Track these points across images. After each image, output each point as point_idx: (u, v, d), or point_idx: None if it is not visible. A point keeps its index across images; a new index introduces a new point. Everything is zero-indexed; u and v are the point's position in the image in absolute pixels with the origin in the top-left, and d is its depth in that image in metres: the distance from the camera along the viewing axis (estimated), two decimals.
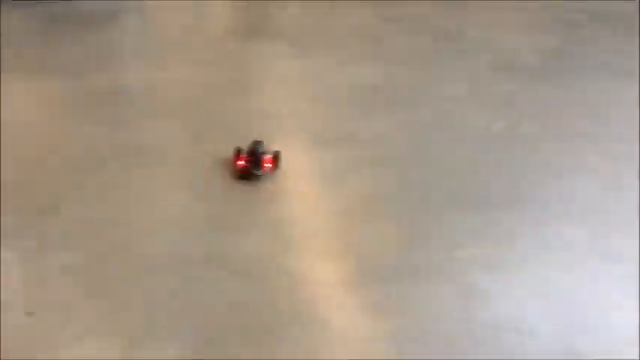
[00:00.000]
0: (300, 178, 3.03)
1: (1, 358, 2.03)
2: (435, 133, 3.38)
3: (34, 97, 3.57)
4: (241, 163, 2.91)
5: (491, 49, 4.24)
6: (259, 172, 2.90)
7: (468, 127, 3.44)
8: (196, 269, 2.42)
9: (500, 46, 4.28)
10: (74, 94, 3.64)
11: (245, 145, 3.05)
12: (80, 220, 2.67)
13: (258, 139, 3.03)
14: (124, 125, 3.37)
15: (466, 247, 2.56)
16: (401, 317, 2.23)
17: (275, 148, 3.07)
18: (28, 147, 3.13)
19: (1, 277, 2.35)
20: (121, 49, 4.21)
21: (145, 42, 4.29)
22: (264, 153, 2.96)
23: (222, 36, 4.46)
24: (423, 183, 2.98)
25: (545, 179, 3.01)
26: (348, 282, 2.41)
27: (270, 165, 2.95)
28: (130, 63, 4.07)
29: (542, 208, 2.83)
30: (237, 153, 2.97)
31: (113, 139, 3.25)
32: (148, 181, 2.96)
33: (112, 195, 2.87)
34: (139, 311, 2.26)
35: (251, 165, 2.90)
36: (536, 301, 2.32)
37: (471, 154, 3.20)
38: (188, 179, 2.98)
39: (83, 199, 2.82)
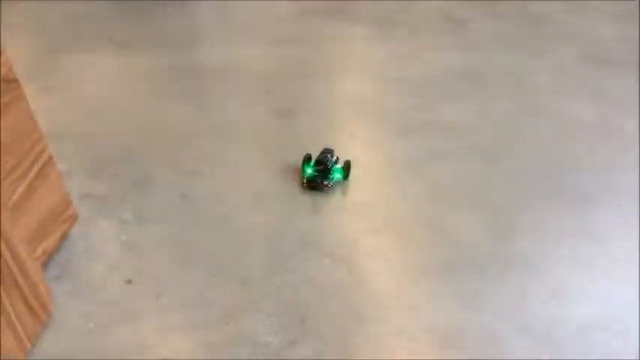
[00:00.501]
0: (385, 165, 2.99)
1: (101, 322, 2.10)
2: (521, 122, 3.27)
3: (124, 73, 3.67)
4: (310, 172, 2.80)
5: (577, 37, 4.09)
6: (329, 184, 2.80)
7: (555, 116, 3.32)
8: (289, 247, 2.49)
9: (586, 34, 4.12)
10: (160, 70, 3.72)
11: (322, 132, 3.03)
12: (175, 194, 2.77)
13: (329, 147, 2.93)
14: (209, 102, 3.42)
15: (556, 241, 2.52)
16: (490, 309, 2.23)
17: (357, 133, 3.00)
18: (121, 121, 3.23)
19: (101, 245, 2.44)
20: (204, 27, 4.26)
21: (227, 20, 4.29)
22: (335, 162, 2.87)
23: (304, 16, 4.39)
24: (509, 173, 2.90)
25: None
26: (438, 269, 2.42)
27: (340, 176, 2.84)
28: (213, 40, 4.11)
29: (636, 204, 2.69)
30: (307, 160, 2.85)
31: (201, 115, 3.30)
32: (240, 157, 3.04)
33: (206, 170, 2.94)
34: (234, 285, 2.32)
35: (319, 175, 2.81)
36: (628, 301, 2.28)
37: (560, 144, 3.09)
38: (277, 159, 3.00)
39: (177, 172, 2.89)
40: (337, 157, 2.90)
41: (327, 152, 2.87)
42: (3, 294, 1.70)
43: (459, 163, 2.97)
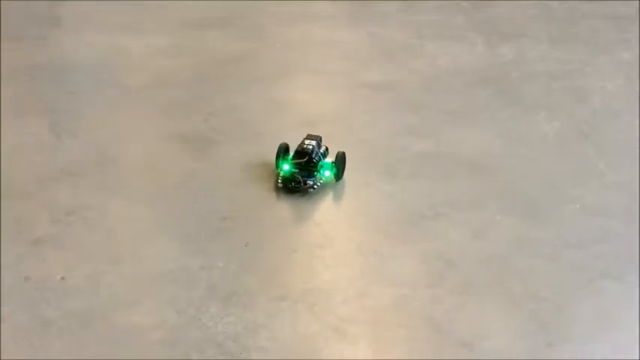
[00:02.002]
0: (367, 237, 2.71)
1: None
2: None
3: None
4: (287, 168, 2.77)
5: None
6: (315, 184, 2.77)
7: None
8: None
9: None
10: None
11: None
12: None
13: (315, 134, 2.88)
14: (74, 124, 3.25)
15: None
16: None
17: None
18: None
19: None
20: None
21: None
22: (323, 155, 2.84)
23: None
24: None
25: None
26: None
27: (330, 174, 2.81)
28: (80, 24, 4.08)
29: None
30: (283, 152, 2.82)
31: (60, 145, 3.12)
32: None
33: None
34: None
35: (300, 172, 2.77)
36: None
37: None
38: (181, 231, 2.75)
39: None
40: (326, 148, 2.86)
41: (312, 140, 2.84)
42: None
43: (477, 222, 2.65)
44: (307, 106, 3.35)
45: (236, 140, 3.04)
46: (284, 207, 2.65)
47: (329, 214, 2.65)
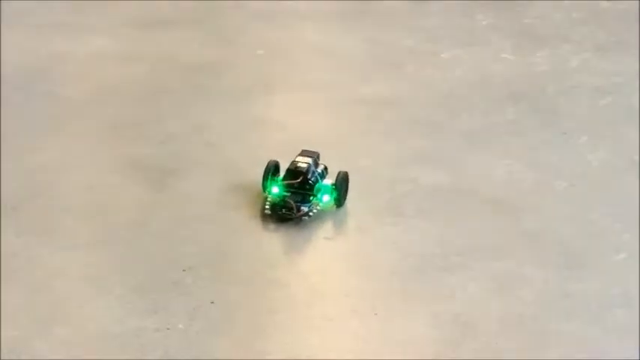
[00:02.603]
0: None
1: None
2: None
3: None
4: (277, 191, 2.85)
5: None
6: (311, 210, 2.83)
7: None
8: None
9: None
10: None
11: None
12: None
13: (311, 150, 2.97)
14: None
15: None
16: None
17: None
18: None
19: None
20: None
21: None
22: (321, 175, 2.93)
23: None
24: None
25: None
26: None
27: (330, 198, 2.89)
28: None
29: None
30: (272, 171, 2.92)
31: None
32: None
33: None
34: None
35: (293, 196, 2.84)
36: None
37: None
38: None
39: None
40: (325, 167, 2.96)
41: (307, 157, 2.93)
42: None
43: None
44: (292, 127, 3.39)
45: (202, 169, 3.07)
46: (261, 252, 2.69)
47: (318, 263, 2.67)
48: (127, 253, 2.69)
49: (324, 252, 2.71)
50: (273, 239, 2.72)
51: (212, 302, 2.40)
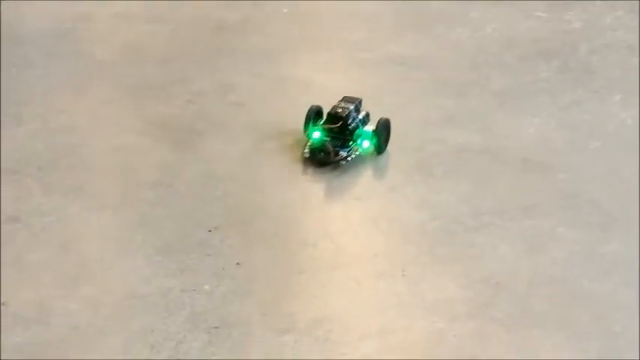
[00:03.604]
0: None
1: None
2: None
3: None
4: (318, 136, 2.92)
5: None
6: (350, 155, 2.90)
7: None
8: None
9: None
10: None
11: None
12: None
13: (353, 96, 3.03)
14: None
15: None
16: None
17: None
18: None
19: None
20: None
21: None
22: (362, 121, 3.00)
23: None
24: None
25: None
26: None
27: (370, 144, 2.96)
28: None
29: None
30: (314, 116, 3.01)
31: None
32: None
33: None
34: None
35: (334, 141, 2.91)
36: None
37: None
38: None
39: None
40: (367, 114, 3.02)
41: (349, 102, 2.99)
42: None
43: None
44: (320, 86, 3.39)
45: (228, 129, 3.08)
46: (288, 212, 2.69)
47: (345, 223, 2.67)
48: (153, 213, 2.70)
49: (353, 212, 2.72)
50: (300, 199, 2.74)
51: (238, 263, 2.41)
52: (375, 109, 3.14)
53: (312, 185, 2.80)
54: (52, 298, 2.33)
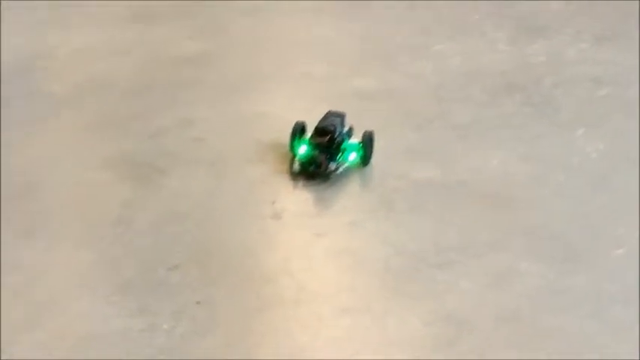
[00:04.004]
0: None
1: None
2: None
3: None
4: (304, 151, 3.01)
5: None
6: (338, 168, 2.99)
7: None
8: None
9: None
10: None
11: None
12: None
13: (337, 111, 3.13)
14: None
15: None
16: None
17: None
18: None
19: None
20: None
21: None
22: (347, 134, 3.08)
23: None
24: None
25: None
26: None
27: (357, 157, 3.05)
28: None
29: None
30: (299, 132, 3.08)
31: None
32: None
33: None
34: None
35: (321, 155, 2.98)
36: None
37: None
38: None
39: None
40: (351, 127, 3.11)
41: (334, 117, 3.07)
42: None
43: None
44: (283, 120, 3.36)
45: (189, 165, 3.08)
46: (249, 249, 2.68)
47: (306, 258, 2.67)
48: (113, 251, 2.68)
49: (314, 247, 2.71)
50: (261, 235, 2.73)
51: (198, 302, 2.40)
52: None
53: (273, 221, 2.79)
54: (5, 344, 2.32)
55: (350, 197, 2.92)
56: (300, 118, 3.25)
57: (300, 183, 2.88)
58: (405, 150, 3.19)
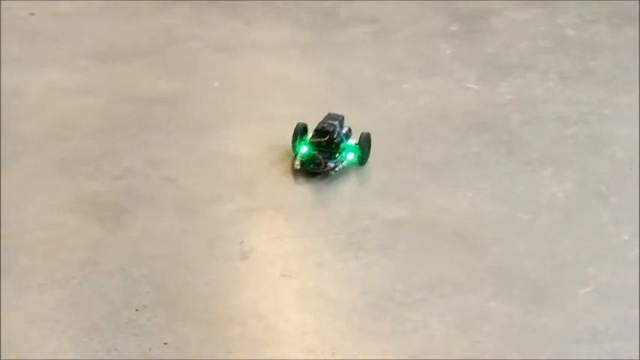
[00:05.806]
0: None
1: None
2: None
3: None
4: (305, 150, 3.21)
5: None
6: (336, 166, 3.18)
7: None
8: None
9: None
10: None
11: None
12: None
13: (336, 113, 3.33)
14: None
15: None
16: None
17: None
18: None
19: None
20: None
21: None
22: (346, 135, 3.28)
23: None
24: None
25: None
26: None
27: (354, 156, 3.23)
28: None
29: None
30: (301, 132, 3.28)
31: None
32: None
33: None
34: None
35: (321, 154, 3.18)
36: None
37: None
38: None
39: None
40: (349, 129, 3.31)
41: (333, 119, 3.25)
42: None
43: None
44: (252, 161, 3.36)
45: (157, 206, 3.05)
46: (216, 291, 2.66)
47: (273, 300, 2.65)
48: (80, 293, 2.65)
49: (281, 289, 2.69)
50: (229, 276, 2.71)
51: (165, 343, 2.38)
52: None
53: (241, 262, 2.77)
54: None
55: (319, 237, 2.89)
56: (265, 159, 3.27)
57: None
58: (375, 189, 3.18)
